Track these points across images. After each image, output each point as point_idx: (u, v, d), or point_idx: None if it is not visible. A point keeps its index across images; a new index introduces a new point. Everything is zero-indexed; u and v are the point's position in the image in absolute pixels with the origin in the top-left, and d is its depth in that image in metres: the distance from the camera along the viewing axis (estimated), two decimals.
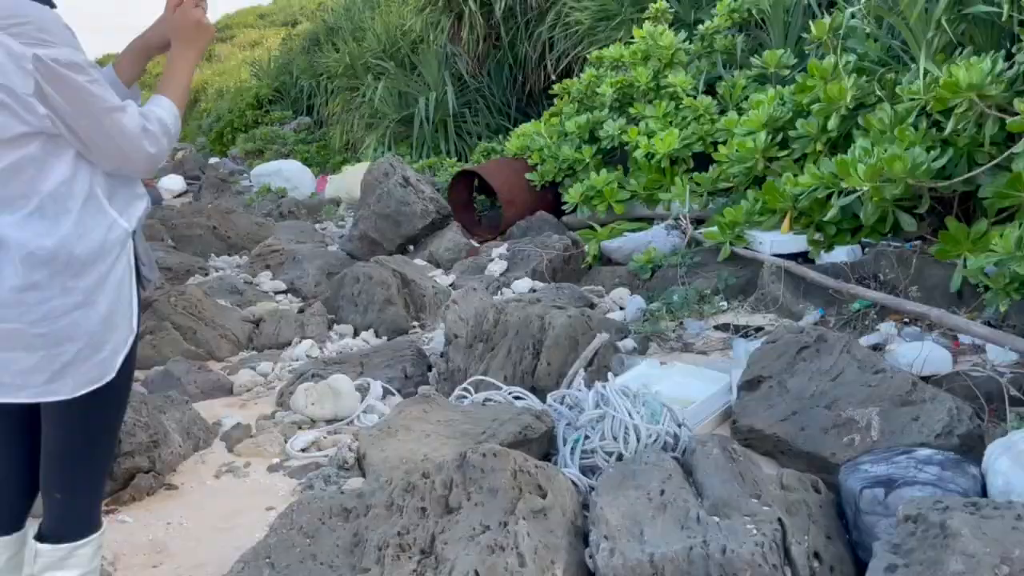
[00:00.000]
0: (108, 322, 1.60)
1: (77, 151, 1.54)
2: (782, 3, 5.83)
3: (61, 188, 1.52)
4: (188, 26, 1.73)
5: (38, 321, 1.51)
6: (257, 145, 13.72)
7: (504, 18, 9.88)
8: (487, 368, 3.37)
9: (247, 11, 36.19)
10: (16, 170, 1.48)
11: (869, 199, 3.65)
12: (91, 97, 1.49)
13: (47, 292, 1.51)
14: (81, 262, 1.54)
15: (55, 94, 1.44)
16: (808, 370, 2.87)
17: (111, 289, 1.60)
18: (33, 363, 1.53)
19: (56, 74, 1.43)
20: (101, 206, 1.59)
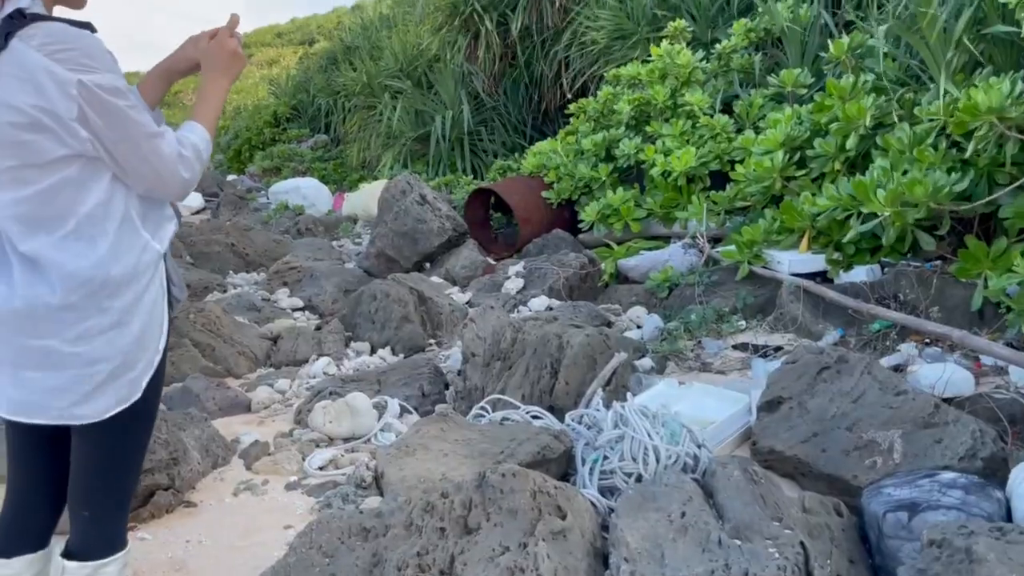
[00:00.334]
0: (140, 342, 1.62)
1: (114, 174, 1.56)
2: (799, 22, 5.84)
3: (98, 210, 1.54)
4: (224, 56, 1.77)
5: (74, 340, 1.53)
6: (275, 163, 13.84)
7: (520, 37, 9.96)
8: (505, 387, 3.37)
9: (265, 30, 36.60)
10: (55, 191, 1.50)
11: (890, 223, 3.63)
12: (131, 122, 1.52)
13: (83, 312, 1.53)
14: (116, 283, 1.56)
15: (97, 118, 1.47)
16: (829, 391, 2.84)
17: (144, 309, 1.62)
18: (64, 382, 1.54)
19: (99, 99, 1.46)
20: (135, 228, 1.61)
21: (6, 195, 1.50)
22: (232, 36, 1.79)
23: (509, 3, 10.12)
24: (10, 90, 1.41)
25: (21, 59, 1.41)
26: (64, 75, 1.42)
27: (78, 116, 1.45)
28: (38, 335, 1.52)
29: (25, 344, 1.53)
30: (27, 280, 1.52)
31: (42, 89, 1.41)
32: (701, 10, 7.38)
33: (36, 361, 1.54)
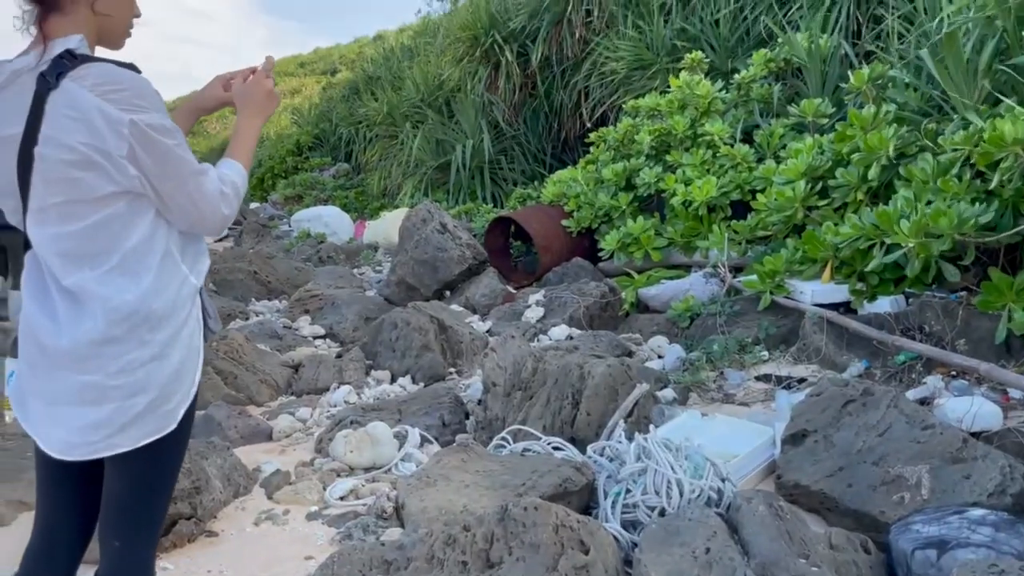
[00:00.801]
0: (178, 374, 1.63)
1: (156, 210, 1.59)
2: (819, 53, 5.86)
3: (142, 245, 1.57)
4: (260, 96, 1.82)
5: (116, 373, 1.55)
6: (297, 191, 13.99)
7: (540, 67, 10.06)
8: (525, 417, 3.36)
9: (288, 60, 37.15)
10: (101, 227, 1.53)
11: (915, 254, 3.61)
12: (178, 160, 1.55)
13: (126, 345, 1.55)
14: (158, 317, 1.59)
15: (146, 156, 1.50)
16: (854, 424, 2.81)
17: (183, 343, 1.65)
18: (101, 417, 1.56)
19: (148, 138, 1.49)
20: (176, 262, 1.64)
21: (51, 230, 1.53)
22: (268, 76, 1.84)
23: (529, 34, 10.24)
24: (62, 128, 1.44)
25: (74, 99, 1.44)
26: (116, 115, 1.45)
27: (128, 154, 1.48)
28: (83, 371, 1.54)
29: (68, 379, 1.55)
30: (72, 316, 1.54)
31: (95, 128, 1.45)
32: (720, 41, 7.43)
33: (78, 396, 1.55)
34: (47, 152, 1.46)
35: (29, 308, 1.58)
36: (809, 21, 6.40)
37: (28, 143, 1.46)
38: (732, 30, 7.48)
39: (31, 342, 1.57)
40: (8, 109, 1.48)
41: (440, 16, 16.49)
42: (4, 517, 2.91)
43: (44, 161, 1.46)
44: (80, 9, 1.53)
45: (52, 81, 1.44)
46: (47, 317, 1.55)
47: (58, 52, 1.47)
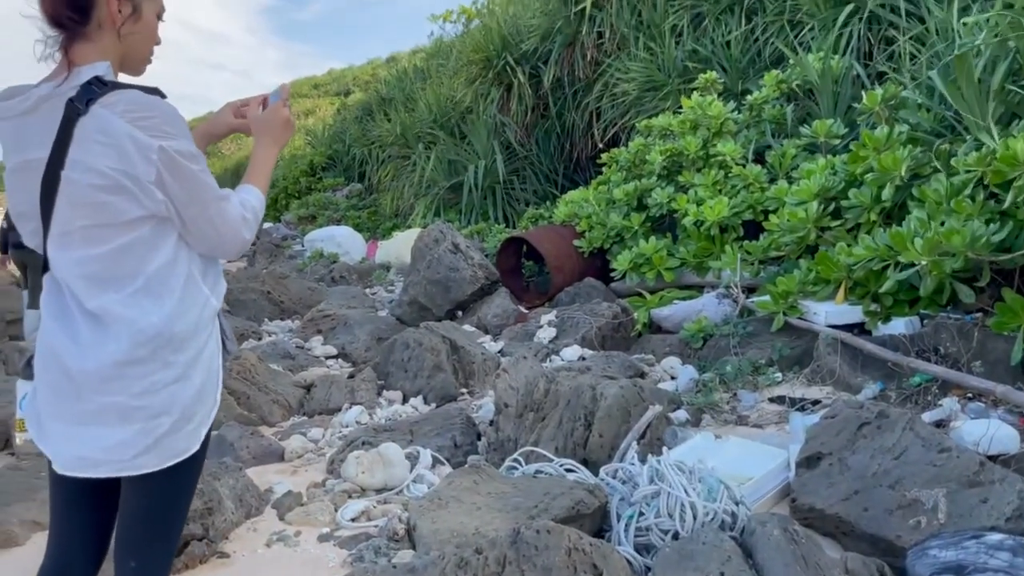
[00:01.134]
0: (200, 395, 1.65)
1: (179, 234, 1.62)
2: (831, 74, 5.86)
3: (165, 268, 1.59)
4: (278, 124, 1.86)
5: (140, 394, 1.56)
6: (310, 211, 14.09)
7: (552, 89, 10.12)
8: (538, 439, 3.34)
9: (303, 81, 37.51)
10: (126, 250, 1.55)
11: (928, 272, 3.59)
12: (203, 186, 1.58)
13: (150, 366, 1.57)
14: (181, 338, 1.60)
15: (173, 181, 1.53)
16: (870, 447, 2.78)
17: (204, 364, 1.67)
18: (127, 437, 1.57)
19: (176, 164, 1.52)
20: (198, 285, 1.66)
21: (75, 253, 1.55)
22: (285, 106, 1.87)
23: (541, 56, 10.32)
24: (92, 153, 1.47)
25: (105, 125, 1.46)
26: (146, 141, 1.48)
27: (156, 179, 1.51)
28: (107, 392, 1.55)
29: (92, 401, 1.56)
30: (96, 338, 1.55)
31: (125, 153, 1.47)
32: (732, 62, 7.45)
33: (102, 417, 1.56)
34: (75, 176, 1.48)
35: (51, 330, 1.59)
36: (820, 42, 6.42)
37: (55, 167, 1.49)
38: (743, 51, 7.50)
39: (53, 364, 1.58)
40: (34, 133, 1.51)
41: (453, 38, 16.63)
42: (18, 537, 2.92)
43: (71, 185, 1.49)
44: (105, 36, 1.56)
45: (82, 107, 1.46)
46: (70, 339, 1.56)
47: (86, 78, 1.49)
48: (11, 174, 1.56)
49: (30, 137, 1.51)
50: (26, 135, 1.52)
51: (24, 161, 1.53)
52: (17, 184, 1.56)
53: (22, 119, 1.52)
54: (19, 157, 1.54)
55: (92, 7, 1.52)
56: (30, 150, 1.51)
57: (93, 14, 1.53)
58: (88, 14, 1.53)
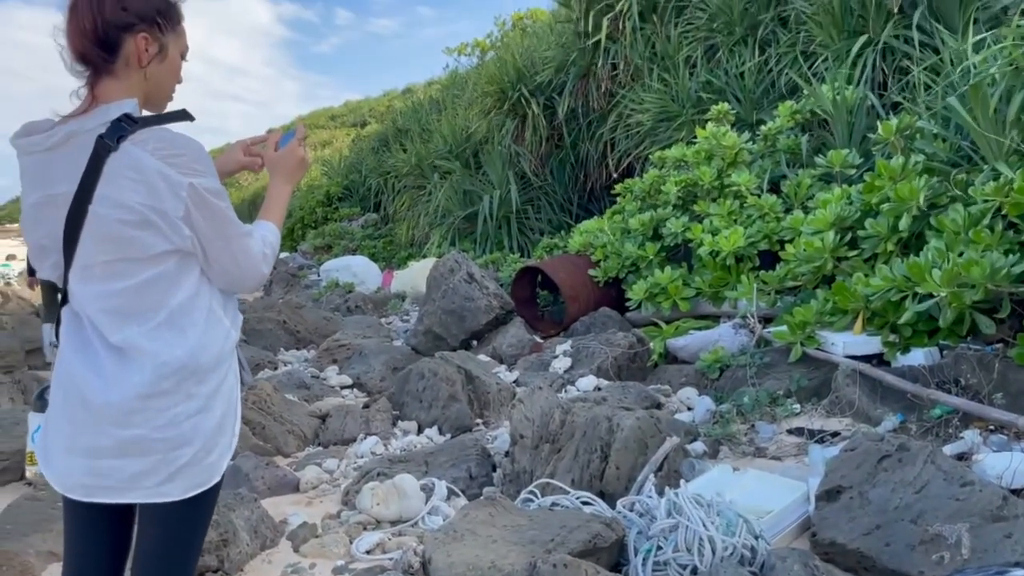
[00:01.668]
0: (220, 427, 1.67)
1: (201, 268, 1.64)
2: (845, 104, 5.88)
3: (188, 302, 1.61)
4: (293, 162, 1.91)
5: (163, 426, 1.57)
6: (326, 240, 14.18)
7: (566, 120, 10.19)
8: (554, 470, 3.32)
9: (319, 112, 37.98)
10: (152, 284, 1.57)
11: (948, 304, 3.56)
12: (228, 222, 1.62)
13: (173, 398, 1.58)
14: (204, 370, 1.62)
15: (200, 218, 1.56)
16: (891, 481, 2.74)
17: (225, 395, 1.68)
18: (148, 466, 1.57)
19: (204, 200, 1.55)
20: (219, 317, 1.68)
21: (99, 287, 1.56)
22: (301, 145, 1.92)
23: (556, 88, 10.41)
24: (122, 189, 1.49)
25: (136, 162, 1.49)
26: (176, 178, 1.51)
27: (184, 215, 1.54)
28: (129, 425, 1.56)
29: (113, 434, 1.56)
30: (119, 371, 1.56)
31: (155, 190, 1.50)
32: (746, 93, 7.49)
33: (122, 449, 1.57)
34: (104, 211, 1.50)
35: (72, 363, 1.60)
36: (834, 73, 6.44)
37: (82, 201, 1.51)
38: (757, 82, 7.54)
39: (74, 397, 1.58)
40: (60, 168, 1.53)
41: (468, 70, 16.84)
42: (35, 568, 2.92)
43: (99, 219, 1.51)
44: (132, 74, 1.59)
45: (112, 143, 1.49)
46: (92, 372, 1.57)
47: (115, 115, 1.52)
48: (34, 208, 1.59)
49: (56, 172, 1.54)
50: (51, 170, 1.54)
51: (49, 196, 1.55)
52: (40, 218, 1.58)
53: (47, 154, 1.54)
54: (43, 192, 1.56)
55: (120, 45, 1.55)
56: (55, 185, 1.54)
57: (120, 52, 1.56)
58: (116, 52, 1.56)
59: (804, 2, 7.19)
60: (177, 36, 1.66)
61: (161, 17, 1.60)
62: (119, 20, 1.54)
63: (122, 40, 1.55)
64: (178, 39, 1.66)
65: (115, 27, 1.54)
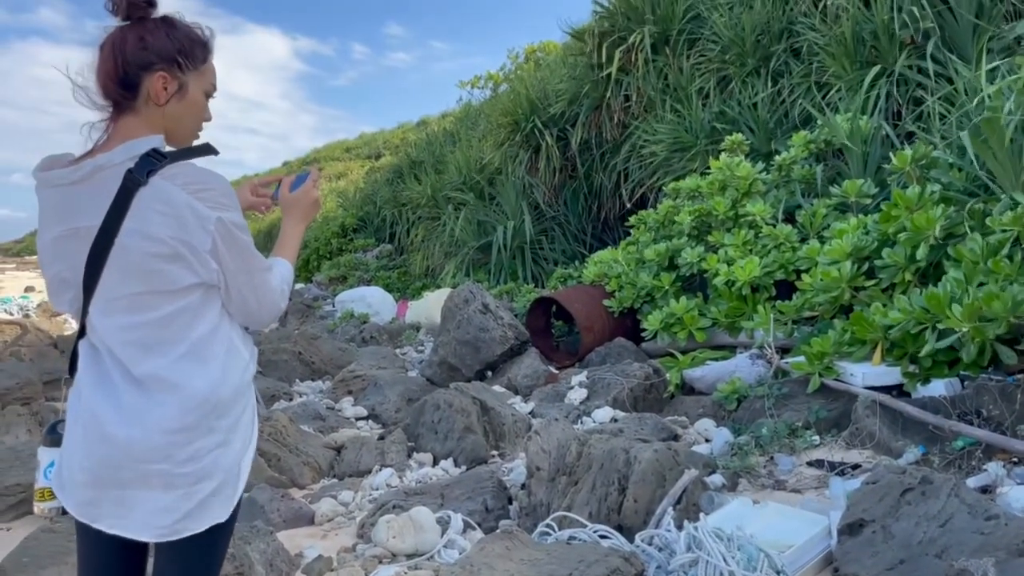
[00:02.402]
0: (238, 460, 1.68)
1: (222, 301, 1.66)
2: (859, 134, 5.88)
3: (209, 334, 1.63)
4: (307, 203, 1.95)
5: (185, 461, 1.58)
6: (341, 271, 14.24)
7: (580, 150, 10.25)
8: (571, 503, 3.29)
9: (335, 145, 38.40)
10: (176, 316, 1.58)
11: (970, 340, 3.53)
12: (252, 256, 1.65)
13: (195, 433, 1.59)
14: (225, 404, 1.63)
15: (226, 251, 1.59)
16: (914, 514, 2.70)
17: (243, 428, 1.70)
18: (169, 502, 1.57)
19: (231, 234, 1.59)
20: (238, 350, 1.70)
21: (121, 319, 1.57)
22: (315, 187, 1.97)
23: (569, 119, 10.48)
24: (153, 222, 1.51)
25: (167, 196, 1.51)
26: (206, 212, 1.54)
27: (211, 249, 1.56)
28: (151, 460, 1.56)
29: (135, 468, 1.56)
30: (142, 405, 1.56)
31: (184, 223, 1.52)
32: (759, 123, 7.51)
33: (144, 483, 1.57)
34: (133, 244, 1.52)
35: (92, 398, 1.60)
36: (848, 103, 6.46)
37: (108, 234, 1.52)
38: (771, 112, 7.57)
39: (94, 433, 1.58)
40: (84, 202, 1.55)
41: (481, 102, 17.01)
42: None
43: (127, 252, 1.52)
44: (153, 112, 1.62)
45: (142, 178, 1.51)
46: (113, 407, 1.57)
47: (143, 150, 1.55)
48: (56, 242, 1.60)
49: (80, 205, 1.55)
50: (75, 204, 1.56)
51: (72, 229, 1.57)
52: (62, 251, 1.60)
53: (72, 188, 1.56)
54: (67, 225, 1.58)
55: (139, 83, 1.59)
56: (79, 218, 1.55)
57: (140, 90, 1.59)
58: (136, 90, 1.59)
59: (816, 33, 7.24)
60: (200, 75, 1.68)
61: (182, 56, 1.63)
62: (139, 59, 1.58)
63: (141, 78, 1.59)
64: (201, 78, 1.68)
65: (135, 66, 1.58)
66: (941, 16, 6.17)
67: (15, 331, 10.48)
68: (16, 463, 4.11)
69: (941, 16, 6.17)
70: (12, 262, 40.81)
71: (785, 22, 7.88)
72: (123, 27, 1.59)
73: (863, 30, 6.69)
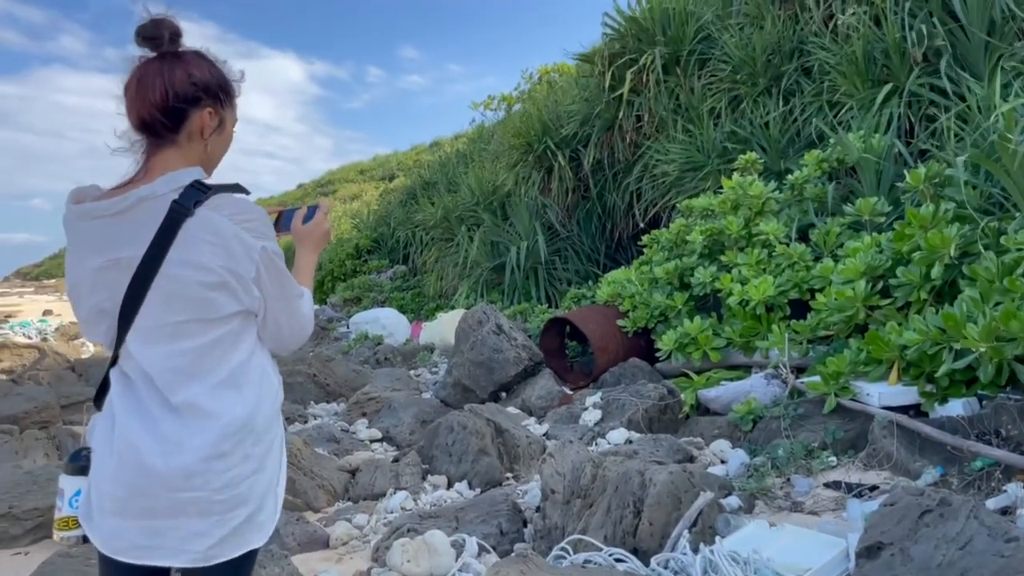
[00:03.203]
0: (270, 485, 1.69)
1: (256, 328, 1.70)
2: (873, 152, 5.87)
3: (245, 361, 1.65)
4: (319, 234, 1.98)
5: (221, 488, 1.59)
6: (355, 293, 14.29)
7: (592, 171, 10.28)
8: (586, 526, 3.28)
9: (349, 167, 38.70)
10: (217, 344, 1.61)
11: (988, 360, 3.50)
12: (289, 283, 1.70)
13: (231, 460, 1.60)
14: (260, 430, 1.66)
15: (268, 279, 1.63)
16: (933, 537, 2.67)
17: (275, 455, 1.72)
18: (203, 528, 1.58)
19: (273, 262, 1.63)
20: (270, 376, 1.73)
21: (163, 348, 1.59)
22: (325, 218, 2.01)
23: (581, 140, 10.53)
24: (202, 252, 1.54)
25: (215, 226, 1.55)
26: (251, 241, 1.58)
27: (255, 277, 1.61)
28: (189, 488, 1.57)
29: (171, 497, 1.57)
30: (180, 433, 1.57)
31: (232, 252, 1.56)
32: (771, 142, 7.52)
33: (179, 512, 1.57)
34: (182, 272, 1.54)
35: (127, 428, 1.60)
36: (860, 121, 6.46)
37: (152, 263, 1.54)
38: (782, 132, 7.57)
39: (131, 461, 1.58)
40: (126, 232, 1.56)
41: (494, 124, 17.11)
42: None
43: (175, 281, 1.55)
44: (193, 145, 1.65)
45: (189, 208, 1.54)
46: (150, 437, 1.58)
47: (186, 182, 1.57)
48: (97, 272, 1.59)
49: (121, 236, 1.56)
50: (117, 234, 1.57)
51: (113, 260, 1.57)
52: (103, 282, 1.59)
53: (114, 219, 1.57)
54: (108, 256, 1.58)
55: (186, 118, 1.62)
56: (121, 248, 1.56)
57: (185, 124, 1.62)
58: (181, 124, 1.62)
59: (827, 52, 7.25)
60: (233, 109, 1.73)
61: (223, 92, 1.68)
62: (188, 94, 1.61)
63: (188, 113, 1.62)
64: (234, 112, 1.74)
65: (184, 100, 1.60)
66: (953, 34, 6.17)
67: (33, 354, 10.58)
68: (33, 487, 4.14)
69: (953, 34, 6.17)
70: (31, 286, 41.25)
71: (796, 41, 7.90)
72: (162, 60, 1.61)
73: (874, 49, 6.70)
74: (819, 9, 7.56)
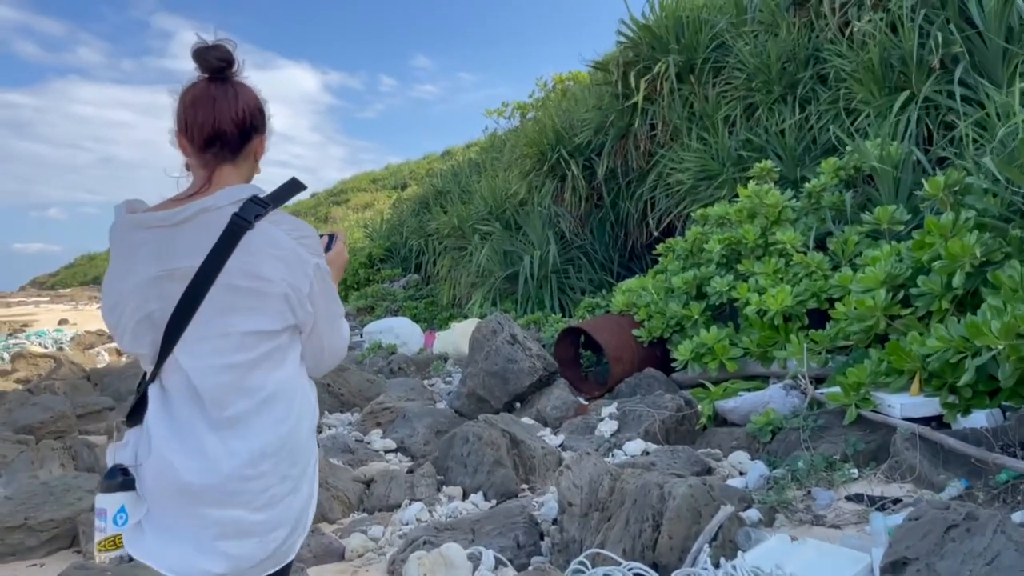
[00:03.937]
0: (304, 507, 1.70)
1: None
2: (890, 160, 5.82)
3: (289, 378, 1.67)
4: (338, 262, 2.00)
5: (260, 508, 1.59)
6: (369, 302, 14.30)
7: (606, 180, 10.25)
8: (604, 540, 3.24)
9: (361, 176, 38.84)
10: (265, 358, 1.62)
11: (1007, 359, 3.44)
12: (336, 301, 1.75)
13: (269, 479, 1.60)
14: (298, 450, 1.67)
15: (319, 295, 1.67)
16: (959, 552, 2.62)
17: (310, 475, 1.73)
18: (245, 550, 1.58)
19: (324, 280, 1.68)
20: (309, 394, 1.74)
21: (212, 361, 1.58)
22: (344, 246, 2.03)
23: (594, 148, 10.50)
24: (263, 264, 1.57)
25: (276, 240, 1.59)
26: (307, 257, 1.63)
27: (309, 292, 1.64)
28: (228, 505, 1.57)
29: (210, 515, 1.56)
30: (221, 450, 1.57)
31: (292, 267, 1.60)
32: (787, 150, 7.47)
33: (220, 531, 1.57)
34: (240, 283, 1.56)
35: (166, 445, 1.58)
36: (877, 129, 6.41)
37: (209, 274, 1.55)
38: (798, 140, 7.52)
39: (169, 477, 1.57)
40: (184, 243, 1.57)
41: (506, 133, 17.12)
42: None
43: (232, 291, 1.56)
44: (246, 165, 1.71)
45: (250, 221, 1.57)
46: (189, 454, 1.57)
47: (245, 196, 1.61)
48: (151, 283, 1.58)
49: (178, 247, 1.57)
50: (174, 245, 1.57)
51: (169, 270, 1.57)
52: (155, 293, 1.58)
53: (172, 229, 1.57)
54: (164, 266, 1.57)
55: (250, 140, 1.69)
56: (178, 259, 1.56)
57: (248, 145, 1.69)
58: (247, 143, 1.69)
59: (843, 60, 7.21)
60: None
61: (266, 123, 1.75)
62: (258, 120, 1.70)
63: (252, 136, 1.69)
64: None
65: (253, 125, 1.68)
66: (970, 40, 6.11)
67: (49, 364, 10.64)
68: (49, 498, 4.14)
69: (970, 40, 6.11)
70: (47, 295, 41.55)
71: (811, 49, 7.86)
72: (231, 83, 1.66)
73: (891, 56, 6.65)
74: (835, 16, 7.51)
